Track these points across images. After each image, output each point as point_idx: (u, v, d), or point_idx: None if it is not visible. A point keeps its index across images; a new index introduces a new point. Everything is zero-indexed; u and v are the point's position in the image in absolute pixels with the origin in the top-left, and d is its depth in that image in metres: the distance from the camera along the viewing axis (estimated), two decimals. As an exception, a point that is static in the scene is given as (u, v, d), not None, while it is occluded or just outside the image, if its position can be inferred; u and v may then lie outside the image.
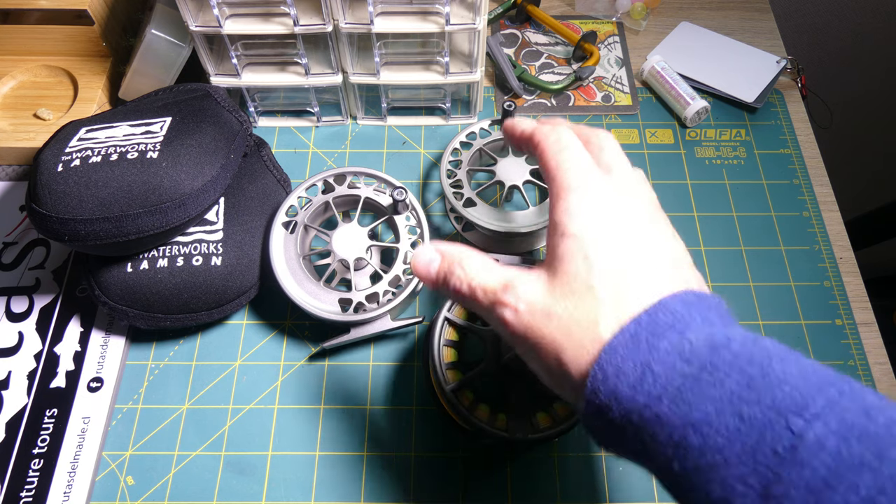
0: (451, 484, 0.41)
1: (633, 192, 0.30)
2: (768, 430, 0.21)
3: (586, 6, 0.64)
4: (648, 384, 0.24)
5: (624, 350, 0.25)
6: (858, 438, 0.21)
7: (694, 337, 0.24)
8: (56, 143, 0.42)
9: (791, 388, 0.22)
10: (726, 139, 0.56)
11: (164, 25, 0.50)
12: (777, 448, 0.21)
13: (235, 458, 0.42)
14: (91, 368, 0.45)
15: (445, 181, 0.49)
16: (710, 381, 0.23)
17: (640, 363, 0.24)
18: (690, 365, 0.24)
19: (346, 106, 0.55)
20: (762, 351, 0.24)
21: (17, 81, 0.57)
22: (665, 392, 0.24)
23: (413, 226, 0.46)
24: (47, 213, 0.39)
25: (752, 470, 0.21)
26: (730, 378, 0.23)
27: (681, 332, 0.25)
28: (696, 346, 0.24)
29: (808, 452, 0.21)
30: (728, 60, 0.59)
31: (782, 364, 0.23)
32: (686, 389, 0.23)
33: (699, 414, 0.23)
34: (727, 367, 0.23)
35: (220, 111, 0.45)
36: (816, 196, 0.53)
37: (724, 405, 0.22)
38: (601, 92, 0.59)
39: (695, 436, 0.23)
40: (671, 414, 0.23)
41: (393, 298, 0.43)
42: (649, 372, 0.24)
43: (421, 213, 0.45)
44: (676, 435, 0.23)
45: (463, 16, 0.47)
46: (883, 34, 0.90)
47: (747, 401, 0.22)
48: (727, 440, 0.22)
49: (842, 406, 0.22)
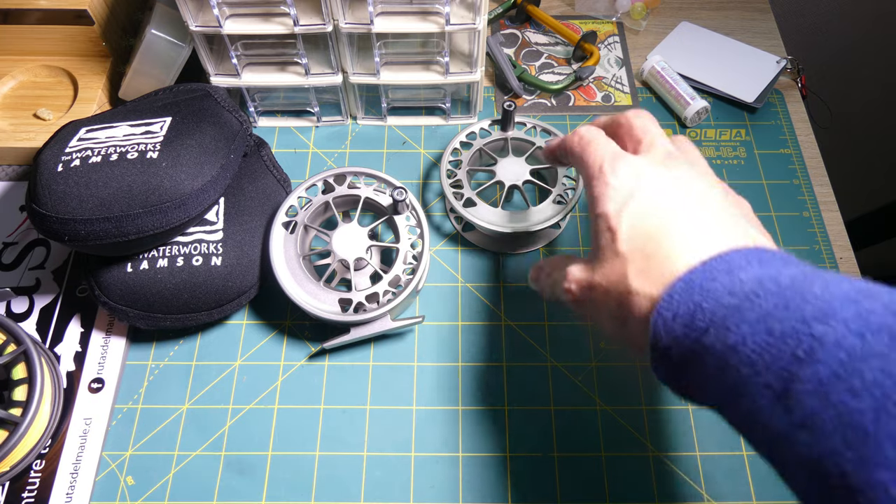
0: (451, 484, 0.41)
1: (668, 162, 0.33)
2: (792, 338, 0.23)
3: (586, 6, 0.64)
4: (699, 320, 0.26)
5: (679, 296, 0.27)
6: (874, 332, 0.21)
7: (746, 276, 0.26)
8: (56, 143, 0.42)
9: (823, 302, 0.23)
10: (726, 139, 0.56)
11: (164, 25, 0.50)
12: (798, 352, 0.22)
13: (235, 458, 0.42)
14: (92, 369, 0.45)
15: (445, 181, 0.49)
16: (749, 307, 0.25)
17: (693, 303, 0.27)
18: (735, 297, 0.26)
19: (346, 106, 0.55)
20: (808, 278, 0.25)
21: (17, 81, 0.57)
22: (712, 324, 0.26)
23: (413, 226, 0.46)
24: (47, 213, 0.39)
25: (776, 376, 0.23)
26: (767, 302, 0.24)
27: (733, 273, 0.27)
28: (745, 281, 0.26)
29: (825, 352, 0.22)
30: (728, 60, 0.59)
31: (825, 285, 0.24)
32: (728, 317, 0.25)
33: (736, 336, 0.25)
34: (768, 295, 0.25)
35: (220, 111, 0.45)
36: (816, 196, 0.53)
37: (758, 325, 0.24)
38: (601, 92, 0.59)
39: (732, 356, 0.24)
40: (715, 342, 0.25)
41: (393, 298, 0.43)
42: (699, 310, 0.26)
43: (421, 212, 0.45)
44: (720, 360, 0.25)
45: (463, 16, 0.47)
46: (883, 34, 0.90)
47: (779, 319, 0.24)
48: (758, 354, 0.24)
49: (869, 309, 0.22)
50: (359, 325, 0.43)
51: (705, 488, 0.41)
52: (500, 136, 0.52)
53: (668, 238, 0.29)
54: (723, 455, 0.42)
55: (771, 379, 0.23)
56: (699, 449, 0.42)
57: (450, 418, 0.44)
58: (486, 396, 0.44)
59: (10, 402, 0.40)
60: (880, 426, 0.20)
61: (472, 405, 0.44)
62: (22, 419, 0.39)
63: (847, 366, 0.21)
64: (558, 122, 0.57)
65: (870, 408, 0.20)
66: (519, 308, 0.47)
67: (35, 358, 0.40)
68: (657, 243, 0.29)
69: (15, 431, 0.38)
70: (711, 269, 0.27)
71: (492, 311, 0.47)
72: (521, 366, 0.45)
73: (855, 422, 0.20)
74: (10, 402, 0.40)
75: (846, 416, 0.21)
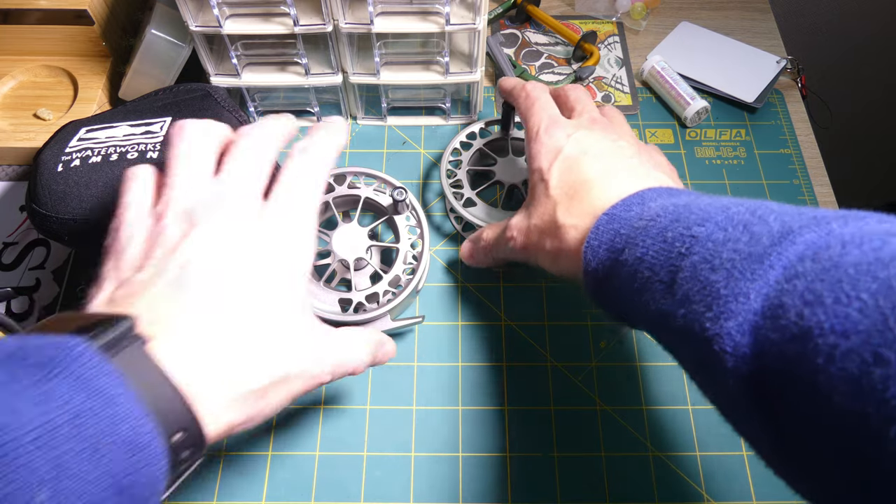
0: (451, 484, 0.41)
1: (592, 126, 0.39)
2: (679, 241, 0.28)
3: (586, 6, 0.64)
4: (617, 243, 0.31)
5: (603, 227, 0.32)
6: (734, 226, 0.27)
7: (654, 204, 0.31)
8: (56, 143, 0.42)
9: (703, 211, 0.28)
10: (726, 139, 0.56)
11: (164, 25, 0.50)
12: (682, 250, 0.28)
13: (235, 458, 0.42)
14: (91, 368, 0.45)
15: (445, 181, 0.49)
16: (653, 225, 0.30)
17: (613, 230, 0.32)
18: (643, 220, 0.31)
19: (346, 106, 0.55)
20: (700, 198, 0.30)
21: (17, 81, 0.57)
22: (626, 244, 0.31)
23: (413, 226, 0.46)
24: (47, 213, 0.39)
25: (666, 271, 0.28)
26: (665, 219, 0.30)
27: (645, 203, 0.32)
28: (653, 208, 0.31)
29: (699, 245, 0.27)
30: (728, 60, 0.59)
31: (710, 201, 0.29)
32: (637, 236, 0.30)
33: (642, 249, 0.29)
34: (667, 214, 0.30)
35: (221, 111, 0.45)
36: (816, 196, 0.53)
37: (657, 237, 0.29)
38: (601, 92, 0.59)
39: (639, 265, 0.29)
40: (628, 257, 0.30)
41: (393, 298, 0.43)
42: (618, 235, 0.31)
43: (421, 212, 0.45)
44: (630, 269, 0.30)
45: (463, 16, 0.47)
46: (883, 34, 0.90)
47: (672, 229, 0.29)
48: (655, 259, 0.29)
49: (735, 211, 0.28)
50: (359, 325, 0.43)
51: (705, 488, 0.41)
52: (501, 136, 0.51)
53: (589, 182, 0.35)
54: (723, 455, 0.42)
55: (663, 275, 0.28)
56: (699, 449, 0.42)
57: (450, 418, 0.44)
58: (486, 396, 0.44)
59: None
60: (729, 289, 0.25)
61: (472, 405, 0.44)
62: None
63: (712, 251, 0.26)
64: (558, 122, 0.57)
65: (722, 277, 0.25)
66: (519, 308, 0.47)
67: None
68: (580, 186, 0.36)
69: None
70: (628, 202, 0.32)
71: (492, 311, 0.47)
72: (521, 366, 0.45)
73: (713, 290, 0.26)
74: None
75: (707, 287, 0.26)
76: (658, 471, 0.42)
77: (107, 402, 0.21)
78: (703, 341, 0.25)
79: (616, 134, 0.39)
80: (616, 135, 0.39)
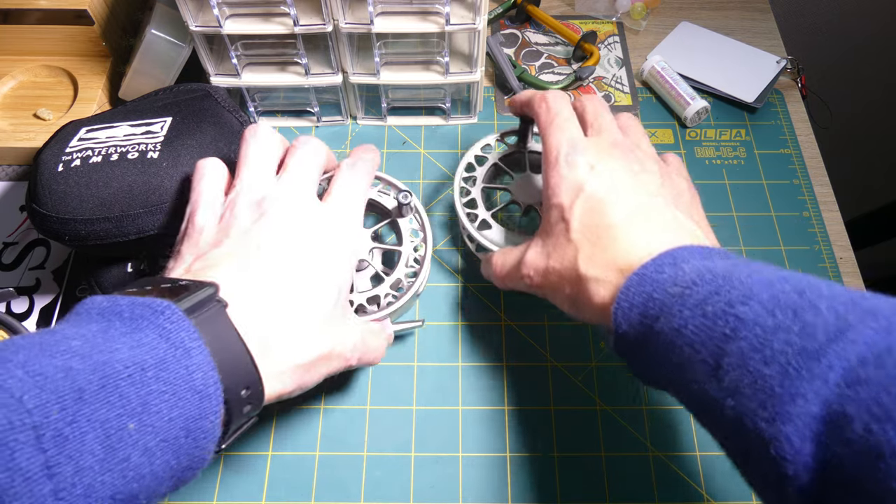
0: (451, 484, 0.41)
1: (614, 151, 0.36)
2: (721, 318, 0.27)
3: (586, 6, 0.64)
4: (651, 308, 0.30)
5: (634, 288, 0.31)
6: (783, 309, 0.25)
7: (688, 268, 0.30)
8: (56, 143, 0.42)
9: (745, 287, 0.27)
10: (726, 139, 0.56)
11: (164, 25, 0.50)
12: (726, 330, 0.26)
13: (235, 458, 0.42)
14: (91, 368, 0.45)
15: (458, 201, 0.46)
16: (689, 294, 0.28)
17: (646, 294, 0.30)
18: (678, 286, 0.29)
19: (346, 106, 0.55)
20: (738, 267, 0.29)
21: (17, 81, 0.57)
22: (661, 312, 0.29)
23: (416, 229, 0.45)
24: (48, 213, 0.39)
25: (710, 352, 0.27)
26: (703, 289, 0.28)
27: (678, 266, 0.30)
28: (687, 272, 0.30)
29: (745, 329, 0.26)
30: (728, 60, 0.59)
31: (750, 273, 0.28)
32: (673, 305, 0.29)
33: (679, 320, 0.28)
34: (704, 283, 0.28)
35: (221, 111, 0.45)
36: (816, 196, 0.53)
37: (696, 310, 0.28)
38: (601, 92, 0.59)
39: (677, 338, 0.28)
40: (664, 326, 0.29)
41: (394, 301, 0.43)
42: (651, 300, 0.30)
43: (424, 216, 0.45)
44: (667, 341, 0.28)
45: (463, 16, 0.47)
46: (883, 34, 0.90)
47: (712, 303, 0.27)
48: (696, 335, 0.27)
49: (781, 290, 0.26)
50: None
51: (705, 488, 0.41)
52: (517, 150, 0.49)
53: (614, 229, 0.33)
54: (723, 455, 0.42)
55: (706, 355, 0.27)
56: (699, 449, 0.42)
57: (450, 418, 0.44)
58: (486, 396, 0.44)
59: None
60: (784, 387, 0.24)
61: (472, 405, 0.44)
62: None
63: (762, 339, 0.25)
64: (558, 122, 0.57)
65: (776, 372, 0.24)
66: (519, 308, 0.47)
67: None
68: (604, 232, 0.34)
69: None
70: (660, 263, 0.31)
71: (492, 311, 0.47)
72: (521, 366, 0.45)
73: (766, 385, 0.24)
74: None
75: (760, 381, 0.24)
76: (658, 471, 0.42)
77: (185, 353, 0.25)
78: (757, 441, 0.24)
79: (639, 162, 0.36)
80: (639, 163, 0.36)
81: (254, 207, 0.33)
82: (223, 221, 0.33)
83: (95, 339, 0.24)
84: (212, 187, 0.35)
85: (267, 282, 0.30)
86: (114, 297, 0.26)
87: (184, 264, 0.31)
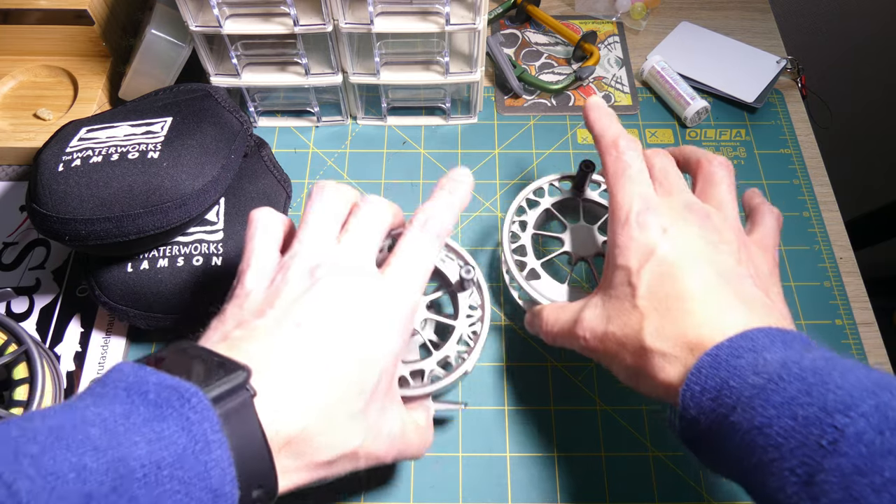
0: (451, 484, 0.41)
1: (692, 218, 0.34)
2: (817, 427, 0.24)
3: (586, 6, 0.64)
4: (726, 397, 0.27)
5: (707, 370, 0.28)
6: (892, 430, 0.23)
7: (770, 357, 0.27)
8: (56, 143, 0.42)
9: (844, 392, 0.25)
10: (726, 139, 0.56)
11: (164, 25, 0.50)
12: (822, 442, 0.24)
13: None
14: (92, 369, 0.45)
15: (508, 248, 0.43)
16: (774, 389, 0.26)
17: (720, 379, 0.28)
18: (760, 377, 0.27)
19: (346, 106, 0.55)
20: (829, 364, 0.26)
21: (17, 81, 0.57)
22: (738, 402, 0.27)
23: (475, 305, 0.41)
24: (48, 212, 0.39)
25: (800, 462, 0.24)
26: (791, 386, 0.26)
27: (758, 352, 0.28)
28: (769, 362, 0.27)
29: (847, 444, 0.23)
30: (728, 60, 0.59)
31: (844, 373, 0.26)
32: (754, 398, 0.26)
33: (762, 418, 0.26)
34: (792, 378, 0.26)
35: (221, 111, 0.45)
36: (816, 196, 0.53)
37: (783, 409, 0.25)
38: (601, 92, 0.59)
39: (759, 437, 0.26)
40: (741, 420, 0.26)
41: (438, 379, 0.38)
42: (726, 386, 0.27)
43: (486, 294, 0.41)
44: (745, 438, 0.26)
45: (463, 16, 0.47)
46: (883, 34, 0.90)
47: (802, 404, 0.25)
48: (784, 438, 0.25)
49: (886, 403, 0.24)
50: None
51: (705, 488, 0.41)
52: (572, 196, 0.45)
53: (685, 300, 0.31)
54: (723, 455, 0.42)
55: (796, 464, 0.24)
56: (699, 449, 0.42)
57: (450, 418, 0.44)
58: (486, 397, 0.44)
59: (10, 401, 0.40)
60: None
61: (472, 405, 0.44)
62: None
63: (868, 460, 0.23)
64: (558, 122, 0.57)
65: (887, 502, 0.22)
66: (519, 308, 0.47)
67: (36, 358, 0.40)
68: (674, 303, 0.31)
69: None
70: (737, 346, 0.28)
71: (491, 312, 0.47)
72: (521, 366, 0.45)
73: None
74: (10, 401, 0.40)
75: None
76: (658, 471, 0.42)
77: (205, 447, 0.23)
78: None
79: (716, 231, 0.34)
80: (716, 232, 0.34)
81: (306, 275, 0.30)
82: (273, 286, 0.30)
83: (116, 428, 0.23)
84: (266, 246, 0.32)
85: (301, 366, 0.28)
86: (143, 369, 0.25)
87: (224, 329, 0.29)
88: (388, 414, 0.31)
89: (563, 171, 0.46)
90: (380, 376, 0.30)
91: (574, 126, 0.57)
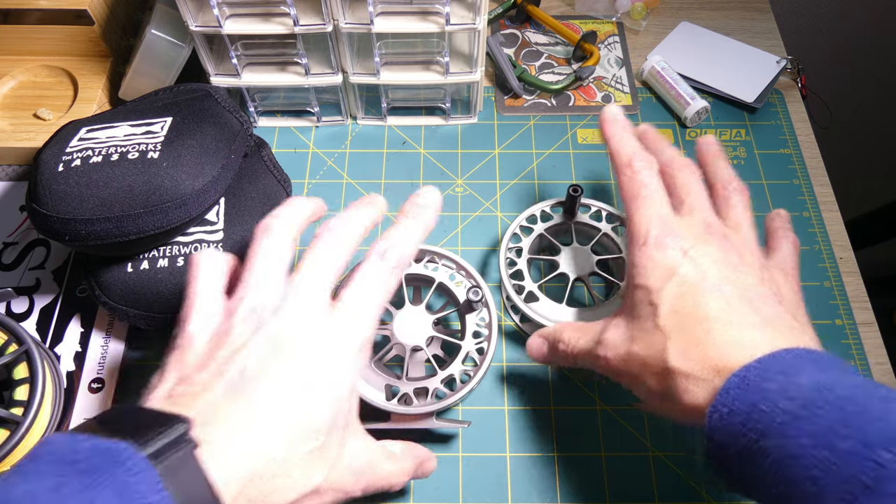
0: (451, 484, 0.41)
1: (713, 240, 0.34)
2: (857, 461, 0.23)
3: (586, 6, 0.64)
4: (756, 421, 0.27)
5: (735, 391, 0.28)
6: None
7: (801, 380, 0.27)
8: (56, 143, 0.42)
9: (885, 424, 0.24)
10: (726, 139, 0.56)
11: (164, 25, 0.50)
12: (863, 479, 0.23)
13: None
14: (92, 369, 0.45)
15: (505, 272, 0.44)
16: (808, 416, 0.25)
17: (750, 402, 0.27)
18: (793, 402, 0.26)
19: (346, 106, 0.55)
20: (866, 392, 0.26)
21: (17, 81, 0.57)
22: (770, 427, 0.26)
23: (482, 325, 0.42)
24: (48, 212, 0.39)
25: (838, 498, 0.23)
26: (828, 415, 0.25)
27: (789, 375, 0.27)
28: (802, 387, 0.26)
29: (890, 482, 0.22)
30: (728, 60, 0.59)
31: (884, 404, 0.25)
32: (787, 425, 0.26)
33: (796, 448, 0.25)
34: (827, 406, 0.25)
35: (221, 111, 0.45)
36: (816, 196, 0.53)
37: (820, 439, 0.24)
38: (601, 92, 0.59)
39: (794, 468, 0.25)
40: (773, 447, 0.26)
41: (442, 398, 0.39)
42: (756, 410, 0.27)
43: (494, 316, 0.41)
44: (779, 467, 0.25)
45: (463, 16, 0.47)
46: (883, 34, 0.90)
47: (842, 436, 0.24)
48: (821, 471, 0.24)
49: None
50: (401, 418, 0.40)
51: (705, 488, 0.41)
52: (563, 222, 0.47)
53: (708, 321, 0.31)
54: (723, 455, 0.42)
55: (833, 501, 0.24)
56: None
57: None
58: (485, 397, 0.44)
59: (11, 401, 0.40)
60: None
61: (472, 405, 0.44)
62: (23, 419, 0.39)
63: None
64: (558, 122, 0.57)
65: None
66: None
67: (37, 358, 0.40)
68: (697, 324, 0.31)
69: (16, 431, 0.38)
70: (766, 368, 0.28)
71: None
72: (521, 366, 0.45)
73: None
74: (11, 401, 0.40)
75: None
76: (658, 471, 0.42)
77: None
78: None
79: (737, 253, 0.34)
80: (737, 254, 0.34)
81: (252, 318, 0.29)
82: (216, 334, 0.29)
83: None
84: (208, 290, 0.31)
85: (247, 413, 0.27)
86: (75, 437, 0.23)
87: (166, 385, 0.28)
88: (351, 448, 0.30)
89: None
90: (334, 412, 0.29)
91: (574, 126, 0.57)
